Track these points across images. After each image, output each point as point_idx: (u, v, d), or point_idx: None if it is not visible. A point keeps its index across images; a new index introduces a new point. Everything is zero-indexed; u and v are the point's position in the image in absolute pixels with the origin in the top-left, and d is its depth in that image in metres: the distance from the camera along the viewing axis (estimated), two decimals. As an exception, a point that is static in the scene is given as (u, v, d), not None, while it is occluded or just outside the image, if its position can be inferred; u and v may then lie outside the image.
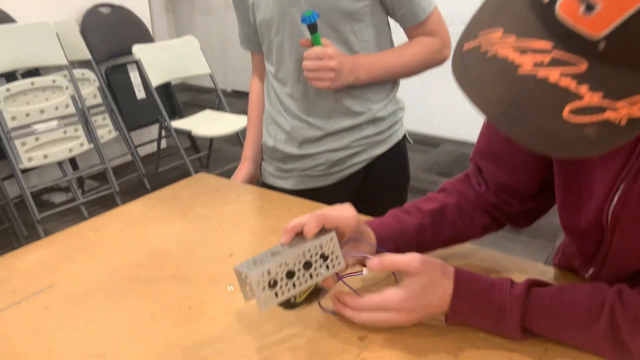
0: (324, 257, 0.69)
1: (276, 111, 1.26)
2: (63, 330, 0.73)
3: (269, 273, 0.65)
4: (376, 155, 1.25)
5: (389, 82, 1.23)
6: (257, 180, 1.35)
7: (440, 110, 3.77)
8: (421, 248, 0.79)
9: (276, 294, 0.66)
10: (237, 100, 5.14)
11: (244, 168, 1.33)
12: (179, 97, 3.75)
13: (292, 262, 0.67)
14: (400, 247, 0.77)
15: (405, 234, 0.78)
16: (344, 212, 0.73)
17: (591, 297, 0.66)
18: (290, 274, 0.67)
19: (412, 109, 1.53)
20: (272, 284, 0.66)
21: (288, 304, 0.74)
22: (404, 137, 1.31)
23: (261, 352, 0.69)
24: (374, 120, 1.22)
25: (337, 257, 0.70)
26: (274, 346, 0.69)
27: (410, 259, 0.70)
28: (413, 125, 1.58)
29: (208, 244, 0.94)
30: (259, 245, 0.94)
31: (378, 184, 1.28)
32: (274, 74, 1.23)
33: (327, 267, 0.70)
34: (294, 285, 0.67)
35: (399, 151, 1.30)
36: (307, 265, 0.68)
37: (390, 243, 0.77)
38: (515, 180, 0.81)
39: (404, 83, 1.28)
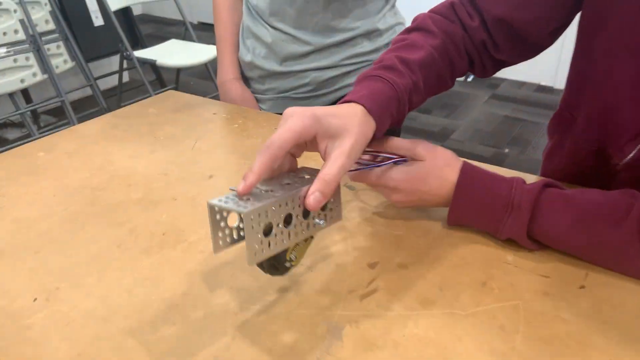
0: (323, 207, 0.55)
1: (255, 21, 1.09)
2: (8, 261, 0.60)
3: (266, 214, 0.49)
4: None
5: None
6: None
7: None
8: (408, 109, 0.68)
9: (269, 244, 0.50)
10: (204, 33, 4.84)
11: (237, 87, 1.16)
12: (142, 30, 3.47)
13: (291, 205, 0.52)
14: (395, 120, 0.66)
15: (400, 102, 0.64)
16: (296, 124, 0.53)
17: (619, 196, 0.58)
18: (288, 219, 0.52)
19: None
20: (267, 231, 0.50)
21: (278, 267, 0.54)
22: None
23: (254, 282, 0.57)
24: (370, 34, 1.07)
25: (337, 207, 0.57)
26: (267, 277, 0.58)
27: (415, 144, 0.65)
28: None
29: (182, 164, 0.81)
30: (244, 166, 0.81)
31: None
32: None
33: (325, 217, 0.56)
34: (289, 235, 0.52)
35: None
36: (306, 213, 0.54)
37: (386, 118, 0.63)
38: (523, 16, 0.69)
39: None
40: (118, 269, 0.59)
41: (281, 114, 0.57)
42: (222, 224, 0.52)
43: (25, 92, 2.83)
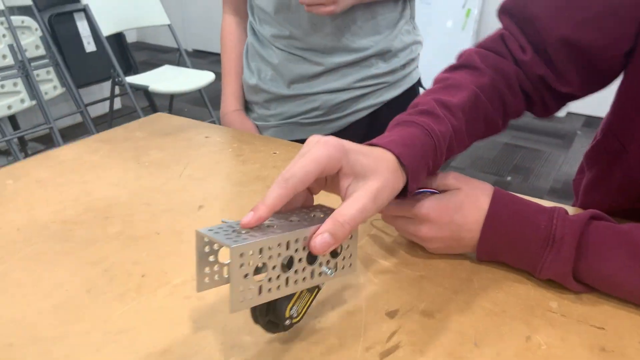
0: (334, 253, 0.46)
1: (261, 43, 1.02)
2: (-47, 311, 0.50)
3: (260, 253, 0.40)
4: (385, 101, 1.01)
5: (401, 1, 1.00)
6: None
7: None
8: (447, 157, 0.59)
9: (260, 289, 0.41)
10: (199, 60, 4.81)
11: (239, 118, 1.08)
12: (137, 57, 3.41)
13: (294, 246, 0.43)
14: (430, 172, 0.57)
15: (438, 152, 0.55)
16: (322, 154, 0.45)
17: None
18: (288, 263, 0.43)
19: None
20: (257, 271, 0.41)
21: (277, 323, 0.45)
22: (419, 80, 1.07)
23: (250, 338, 0.47)
24: (385, 54, 0.99)
25: (350, 256, 0.48)
26: (259, 332, 0.48)
27: (445, 176, 0.58)
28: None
29: (168, 193, 0.71)
30: (238, 194, 0.72)
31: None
32: None
33: (335, 266, 0.46)
34: (287, 281, 0.43)
35: (412, 98, 1.06)
36: (312, 258, 0.44)
37: (421, 171, 0.53)
38: (590, 34, 0.57)
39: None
40: (86, 320, 0.48)
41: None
42: (212, 258, 0.43)
43: (12, 119, 2.75)
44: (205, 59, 4.67)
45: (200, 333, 0.47)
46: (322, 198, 0.51)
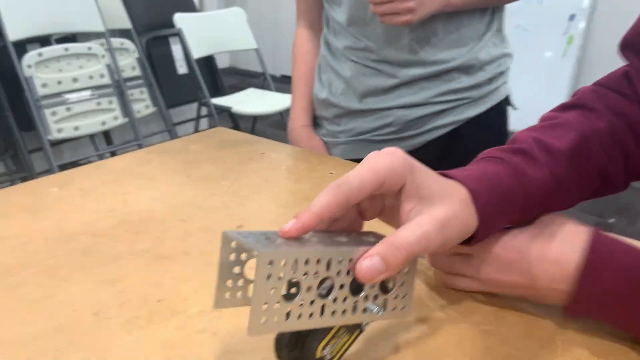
0: (384, 288, 0.38)
1: (333, 55, 0.95)
2: (-48, 323, 0.45)
3: (295, 267, 0.33)
4: (467, 118, 0.90)
5: (489, 11, 0.90)
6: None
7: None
8: (540, 211, 0.47)
9: (288, 314, 0.33)
10: (284, 85, 4.88)
11: (306, 134, 1.02)
12: (227, 81, 3.51)
13: (336, 267, 0.34)
14: (511, 223, 0.45)
15: (528, 201, 0.44)
16: (384, 164, 0.38)
17: None
18: (328, 289, 0.35)
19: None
20: (290, 292, 0.34)
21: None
22: (507, 98, 0.95)
23: (261, 389, 0.38)
24: (469, 68, 0.88)
25: (404, 296, 0.39)
26: (284, 381, 0.39)
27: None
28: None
29: (209, 209, 0.65)
30: (281, 216, 0.64)
31: (465, 159, 0.94)
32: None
33: (385, 304, 0.38)
34: (322, 310, 0.34)
35: (499, 116, 0.94)
36: (357, 288, 0.36)
37: (498, 218, 0.43)
38: None
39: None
40: (83, 349, 0.42)
41: (354, 160, 0.41)
42: (237, 269, 0.37)
43: (106, 134, 2.89)
44: (290, 84, 4.73)
45: (219, 344, 0.39)
46: (374, 225, 0.42)
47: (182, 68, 3.10)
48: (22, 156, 2.51)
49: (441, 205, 0.39)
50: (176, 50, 3.08)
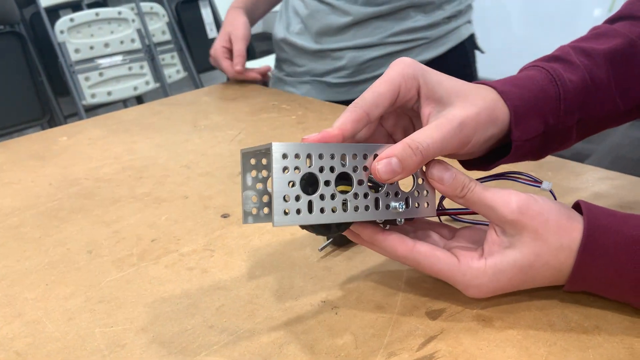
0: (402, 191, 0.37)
1: None
2: (-47, 259, 0.46)
3: (310, 159, 0.33)
4: (425, 61, 0.85)
5: None
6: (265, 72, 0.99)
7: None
8: (580, 129, 0.43)
9: (310, 206, 0.33)
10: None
11: (239, 16, 0.99)
12: (259, 47, 3.47)
13: (352, 162, 0.34)
14: (549, 130, 0.41)
15: (563, 105, 0.41)
16: (394, 72, 0.37)
17: None
18: (343, 177, 0.34)
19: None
20: (309, 185, 0.33)
21: (324, 228, 0.36)
22: (472, 38, 0.90)
23: (239, 323, 0.37)
24: (426, 5, 0.83)
25: (427, 194, 0.38)
26: (258, 319, 0.38)
27: (505, 202, 0.36)
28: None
29: (213, 157, 0.64)
30: (286, 161, 0.62)
31: None
32: None
33: (407, 202, 0.37)
34: (345, 204, 0.34)
35: (460, 58, 0.88)
36: (377, 184, 0.36)
37: (533, 118, 0.40)
38: None
39: None
40: (71, 283, 0.42)
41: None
42: (259, 185, 0.37)
43: (138, 99, 2.92)
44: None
45: (188, 311, 0.39)
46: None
47: (212, 32, 3.09)
48: (58, 121, 2.57)
49: (461, 105, 0.37)
50: (206, 13, 3.06)
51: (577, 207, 0.38)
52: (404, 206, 0.36)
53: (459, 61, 0.89)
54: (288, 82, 0.97)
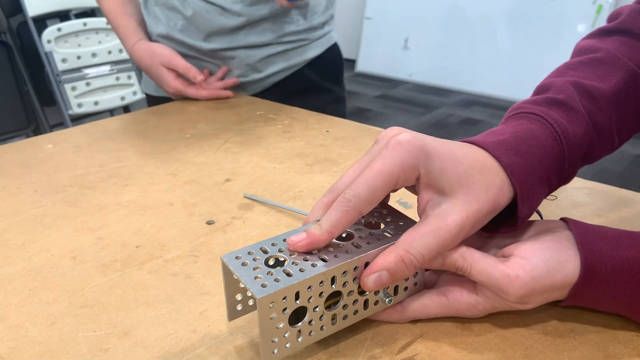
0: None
1: None
2: None
3: (297, 296, 0.32)
4: (309, 59, 0.94)
5: None
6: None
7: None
8: (583, 164, 0.42)
9: (299, 335, 0.33)
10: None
11: (157, 45, 0.89)
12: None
13: (341, 279, 0.33)
14: (552, 190, 0.40)
15: (567, 164, 0.39)
16: (393, 162, 0.34)
17: None
18: (333, 294, 0.34)
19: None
20: (296, 317, 0.33)
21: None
22: (336, 45, 1.00)
23: (219, 327, 0.38)
24: (303, 5, 0.90)
25: (415, 274, 0.38)
26: (240, 324, 0.39)
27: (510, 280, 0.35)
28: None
29: (199, 165, 0.65)
30: (270, 170, 0.63)
31: (310, 95, 0.96)
32: None
33: (395, 292, 0.37)
34: (333, 318, 0.34)
35: (337, 57, 1.00)
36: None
37: (538, 191, 0.37)
38: None
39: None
40: (55, 289, 0.42)
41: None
42: (242, 284, 0.34)
43: (125, 109, 2.92)
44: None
45: (171, 316, 0.39)
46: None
47: (200, 43, 3.10)
48: (44, 130, 2.55)
49: (463, 199, 0.34)
50: (194, 25, 3.07)
51: (564, 221, 0.38)
52: (392, 300, 0.36)
53: (335, 60, 0.99)
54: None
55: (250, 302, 0.36)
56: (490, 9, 3.65)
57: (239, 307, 0.36)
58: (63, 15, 2.57)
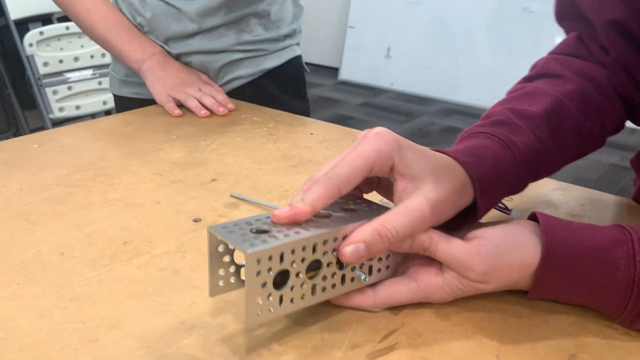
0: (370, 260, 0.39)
1: None
2: None
3: (281, 258, 0.34)
4: (267, 68, 0.95)
5: None
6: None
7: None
8: (531, 179, 0.47)
9: (281, 299, 0.35)
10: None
11: (173, 61, 0.91)
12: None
13: (322, 249, 0.36)
14: (514, 189, 0.46)
15: (521, 169, 0.44)
16: (370, 148, 0.38)
17: None
18: (314, 265, 0.36)
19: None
20: (280, 281, 0.35)
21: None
22: (301, 57, 1.01)
23: (205, 319, 0.39)
24: (263, 17, 0.91)
25: (388, 257, 0.40)
26: (226, 316, 0.40)
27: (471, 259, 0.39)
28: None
29: (185, 165, 0.65)
30: (256, 171, 0.64)
31: (270, 105, 0.95)
32: None
33: (370, 270, 0.39)
34: (313, 289, 0.36)
35: (297, 69, 1.00)
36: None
37: (496, 191, 0.43)
38: None
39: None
40: (44, 282, 0.43)
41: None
42: (226, 258, 0.37)
43: (107, 113, 2.90)
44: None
45: (160, 308, 0.40)
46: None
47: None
48: (24, 134, 2.53)
49: (433, 185, 0.38)
50: (178, 31, 3.07)
51: (533, 216, 0.41)
52: (367, 278, 0.38)
53: (295, 73, 1.00)
54: (129, 84, 0.97)
55: (232, 280, 0.38)
56: (470, 19, 3.72)
57: (221, 283, 0.37)
58: (45, 19, 2.56)
